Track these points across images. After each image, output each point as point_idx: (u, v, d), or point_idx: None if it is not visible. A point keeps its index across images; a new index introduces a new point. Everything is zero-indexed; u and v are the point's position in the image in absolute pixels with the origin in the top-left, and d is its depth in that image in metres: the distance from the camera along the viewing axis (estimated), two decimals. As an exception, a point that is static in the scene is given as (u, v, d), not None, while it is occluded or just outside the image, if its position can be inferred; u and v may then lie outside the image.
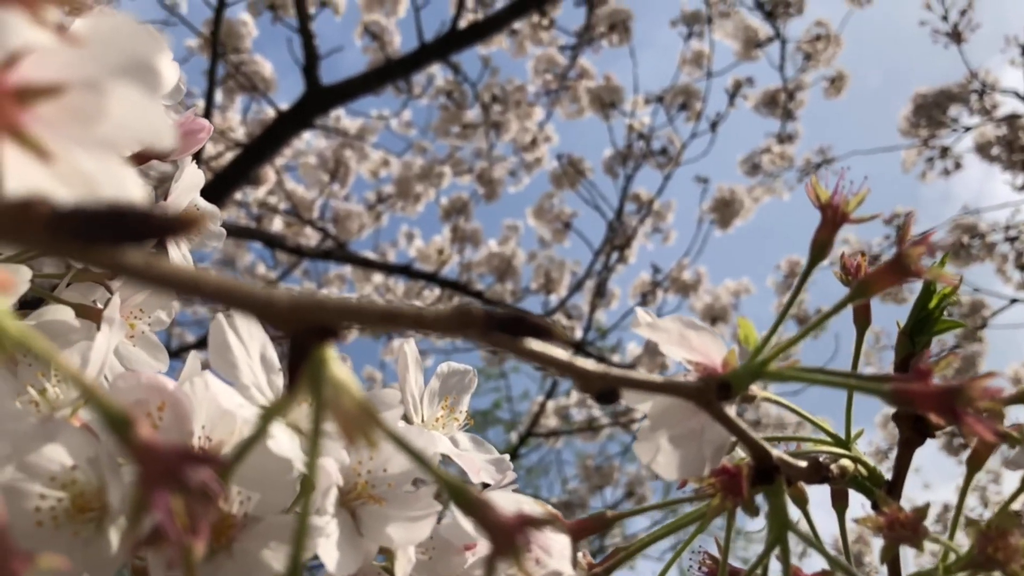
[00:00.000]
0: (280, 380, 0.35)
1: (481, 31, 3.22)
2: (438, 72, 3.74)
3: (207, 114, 2.58)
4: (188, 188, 0.43)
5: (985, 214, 4.21)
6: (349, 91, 2.86)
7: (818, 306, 4.45)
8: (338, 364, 0.20)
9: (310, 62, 2.80)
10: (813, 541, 0.31)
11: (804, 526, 0.34)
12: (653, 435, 0.32)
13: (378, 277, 3.74)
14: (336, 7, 3.33)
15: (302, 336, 0.18)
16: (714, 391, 0.28)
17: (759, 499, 0.32)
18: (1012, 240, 4.18)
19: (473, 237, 3.79)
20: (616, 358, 4.29)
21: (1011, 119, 3.97)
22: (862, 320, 0.37)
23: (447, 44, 3.06)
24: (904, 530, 0.31)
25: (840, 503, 0.37)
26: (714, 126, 3.54)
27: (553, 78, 3.85)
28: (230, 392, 0.32)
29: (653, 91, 3.75)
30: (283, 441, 0.32)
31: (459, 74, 3.56)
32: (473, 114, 3.68)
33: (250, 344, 0.34)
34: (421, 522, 0.33)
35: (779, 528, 0.31)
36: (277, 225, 3.59)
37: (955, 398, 0.25)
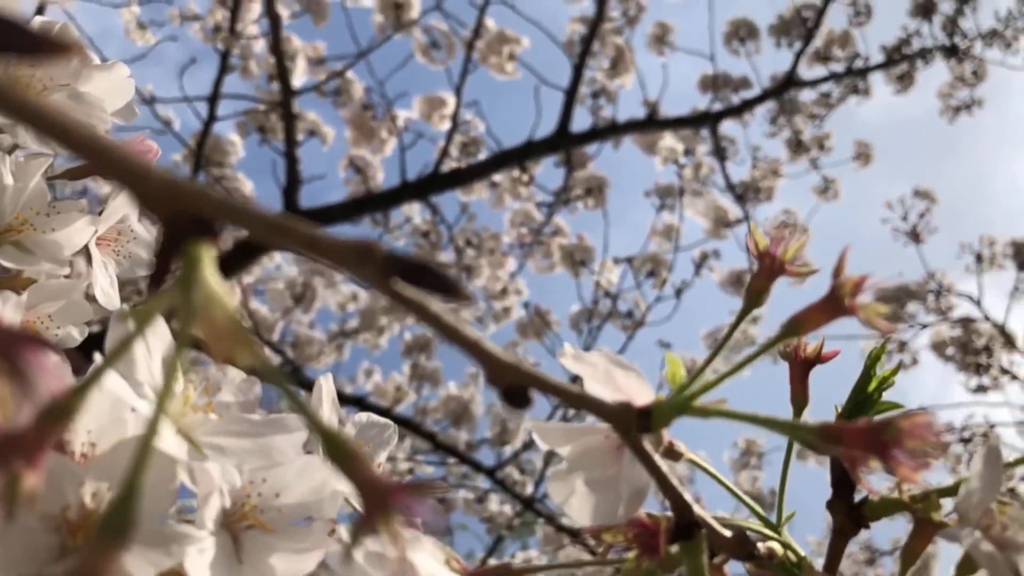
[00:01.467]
0: (179, 391, 0.32)
1: (462, 178, 3.30)
2: (416, 213, 3.81)
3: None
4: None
5: (940, 413, 4.26)
6: (327, 217, 2.90)
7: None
8: (214, 271, 0.18)
9: (291, 185, 2.85)
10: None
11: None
12: (569, 476, 0.30)
13: (330, 409, 3.64)
14: (324, 137, 3.42)
15: (175, 222, 0.17)
16: (634, 419, 0.26)
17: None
18: (966, 442, 4.20)
19: (433, 376, 3.76)
20: (566, 520, 4.17)
21: (965, 321, 4.09)
22: (800, 398, 0.36)
23: (428, 185, 3.13)
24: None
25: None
26: (679, 293, 3.61)
27: (528, 232, 3.93)
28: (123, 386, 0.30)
29: (622, 255, 3.84)
30: (170, 441, 0.30)
31: (437, 215, 3.63)
32: (447, 257, 3.72)
33: (153, 344, 0.32)
34: (308, 554, 0.30)
35: (694, 590, 0.28)
36: (235, 345, 3.50)
37: (884, 430, 0.23)
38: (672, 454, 0.31)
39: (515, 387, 0.24)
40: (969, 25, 4.67)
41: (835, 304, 0.26)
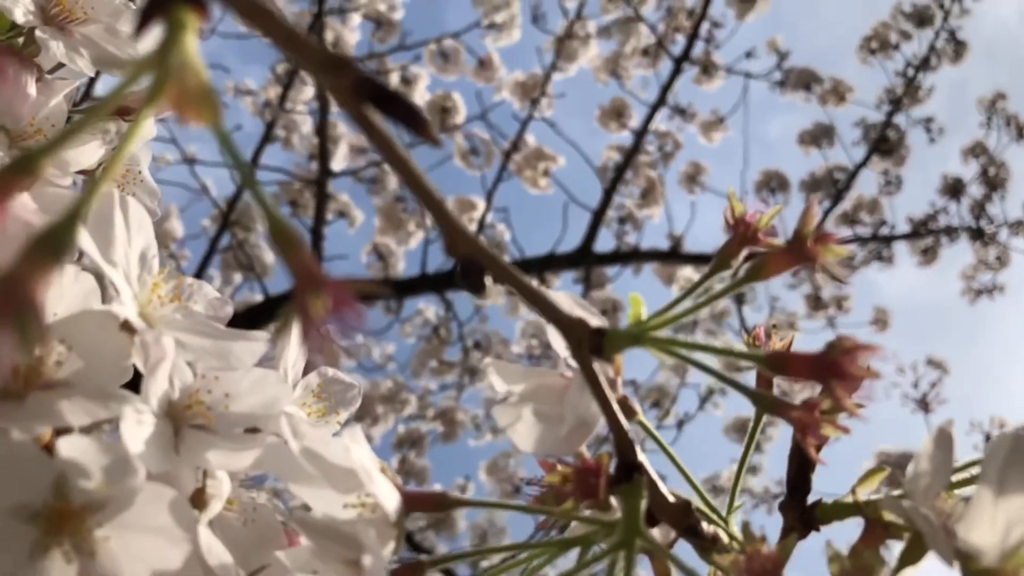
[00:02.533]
0: (150, 281, 0.33)
1: (481, 280, 3.33)
2: (431, 308, 3.83)
3: (198, 276, 2.62)
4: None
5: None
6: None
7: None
8: (194, 42, 0.19)
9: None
10: (671, 556, 0.28)
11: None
12: (519, 405, 0.29)
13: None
14: (352, 220, 3.49)
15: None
16: (587, 334, 0.26)
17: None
18: None
19: (420, 475, 3.69)
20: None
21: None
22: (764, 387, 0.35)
23: (446, 281, 3.16)
24: (765, 571, 0.28)
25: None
26: (680, 424, 3.57)
27: (538, 344, 3.93)
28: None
29: (628, 379, 3.81)
30: (130, 308, 0.30)
31: (450, 311, 3.65)
32: (452, 355, 3.72)
33: (135, 235, 0.33)
34: (244, 452, 0.30)
35: (628, 533, 0.28)
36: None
37: (828, 352, 0.23)
38: (627, 409, 0.31)
39: (471, 262, 0.24)
40: (996, 211, 4.75)
41: (797, 249, 0.26)
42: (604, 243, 3.96)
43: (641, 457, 0.28)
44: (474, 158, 3.71)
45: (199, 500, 0.31)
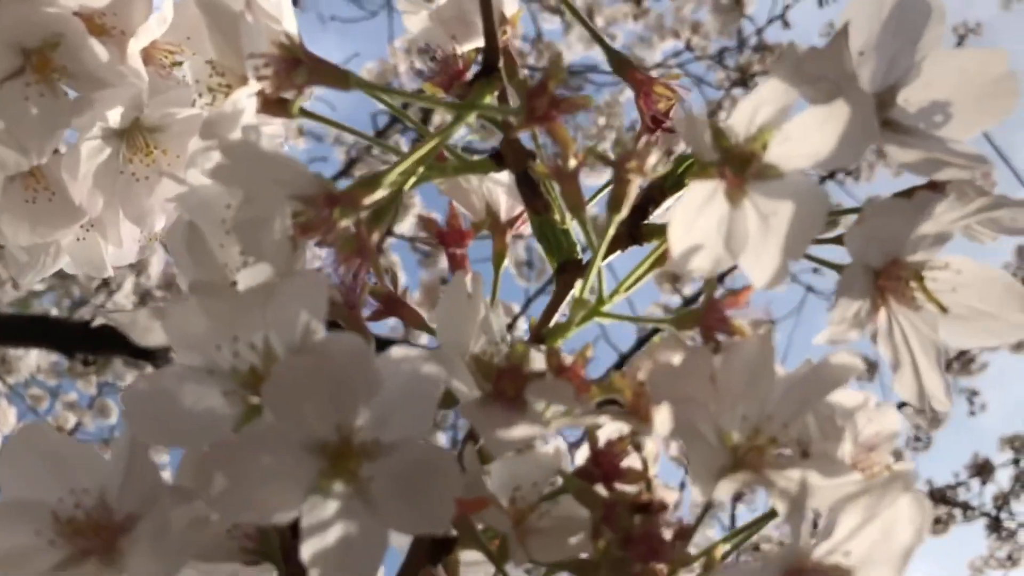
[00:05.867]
0: None
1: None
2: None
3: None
4: None
5: None
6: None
7: None
8: None
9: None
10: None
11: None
12: None
13: None
14: (395, 280, 3.57)
15: None
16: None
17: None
18: None
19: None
20: None
21: None
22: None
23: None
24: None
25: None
26: None
27: None
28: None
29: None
30: None
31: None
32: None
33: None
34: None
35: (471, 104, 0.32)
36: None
37: None
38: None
39: None
40: (1021, 509, 4.61)
41: None
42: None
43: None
44: (527, 270, 3.80)
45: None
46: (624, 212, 0.33)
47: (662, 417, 0.27)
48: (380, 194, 0.31)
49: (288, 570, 0.33)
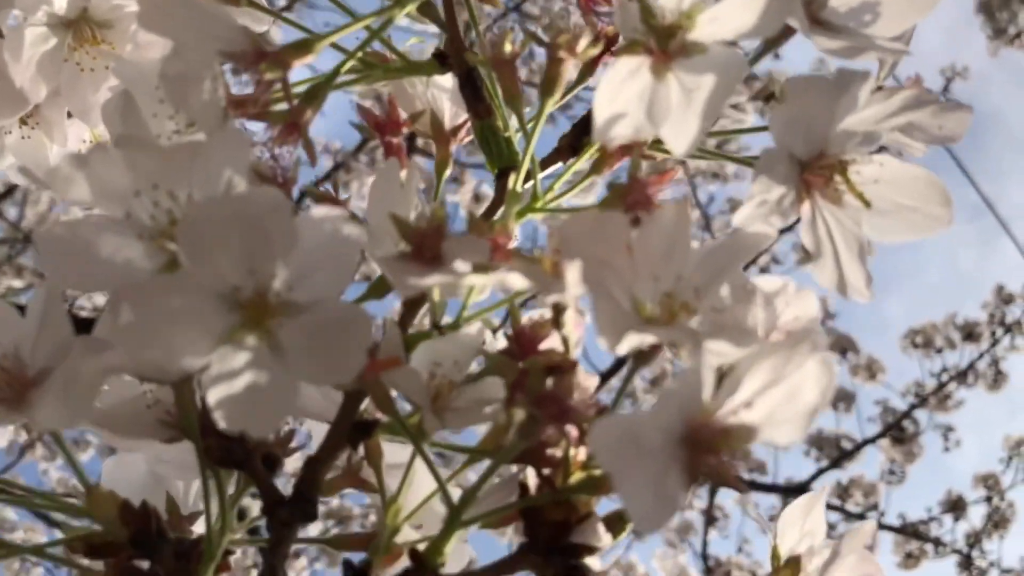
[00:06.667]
0: None
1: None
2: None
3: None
4: None
5: None
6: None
7: None
8: None
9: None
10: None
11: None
12: None
13: None
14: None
15: None
16: None
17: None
18: None
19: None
20: None
21: None
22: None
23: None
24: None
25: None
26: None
27: None
28: None
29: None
30: None
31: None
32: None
33: None
34: None
35: None
36: None
37: None
38: None
39: None
40: (992, 548, 4.61)
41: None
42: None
43: None
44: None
45: None
46: (557, 95, 0.33)
47: (572, 274, 0.27)
48: (310, 59, 0.31)
49: (206, 444, 0.33)
